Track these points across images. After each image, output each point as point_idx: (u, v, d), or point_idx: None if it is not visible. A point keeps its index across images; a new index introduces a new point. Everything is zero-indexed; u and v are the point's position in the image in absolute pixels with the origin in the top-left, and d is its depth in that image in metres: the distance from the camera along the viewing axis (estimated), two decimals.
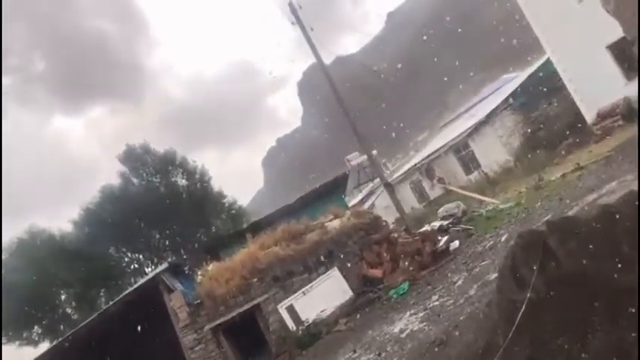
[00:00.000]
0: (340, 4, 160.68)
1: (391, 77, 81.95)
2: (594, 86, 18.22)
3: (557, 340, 4.98)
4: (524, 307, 5.18)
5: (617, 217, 4.96)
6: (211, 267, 16.81)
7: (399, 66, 79.71)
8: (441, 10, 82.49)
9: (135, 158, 29.29)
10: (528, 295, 5.23)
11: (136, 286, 18.04)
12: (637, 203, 4.61)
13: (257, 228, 19.22)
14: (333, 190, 21.59)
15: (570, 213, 6.56)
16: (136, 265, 28.68)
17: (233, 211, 30.24)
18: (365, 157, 29.71)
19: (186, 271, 18.01)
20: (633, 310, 4.46)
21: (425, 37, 71.00)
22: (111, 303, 17.89)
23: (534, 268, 5.32)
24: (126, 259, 28.70)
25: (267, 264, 15.45)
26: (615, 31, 17.30)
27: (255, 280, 15.30)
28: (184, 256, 24.78)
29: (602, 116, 18.37)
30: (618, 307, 4.53)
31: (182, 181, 29.31)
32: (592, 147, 17.10)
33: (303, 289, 15.36)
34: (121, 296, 17.58)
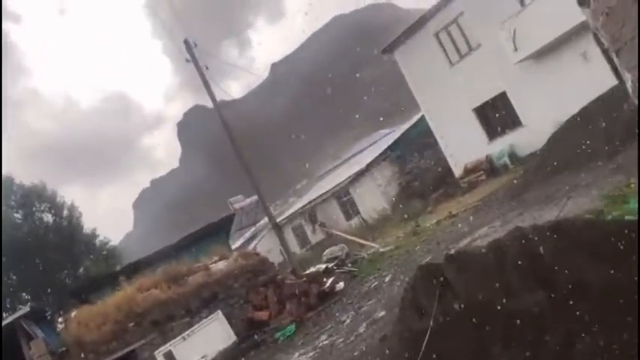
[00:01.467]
0: (227, 50, 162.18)
1: (272, 126, 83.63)
2: (462, 144, 20.29)
3: None
4: (427, 336, 5.49)
5: (506, 250, 5.51)
6: (79, 311, 15.42)
7: (281, 111, 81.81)
8: (324, 64, 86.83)
9: None
10: (431, 324, 5.56)
11: None
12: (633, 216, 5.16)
13: (132, 270, 18.06)
14: (217, 232, 21.12)
15: (455, 249, 7.15)
16: None
17: (105, 252, 28.11)
18: (248, 201, 29.71)
19: (49, 317, 16.27)
20: (526, 341, 4.93)
21: (307, 90, 74.02)
22: None
23: (434, 298, 5.69)
24: None
25: (146, 307, 14.51)
26: (480, 96, 19.51)
27: (131, 324, 14.24)
28: (47, 300, 22.34)
29: (468, 171, 20.39)
30: (510, 333, 4.99)
31: (48, 218, 26.73)
32: (460, 198, 18.79)
33: (184, 334, 14.61)
34: None
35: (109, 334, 14.03)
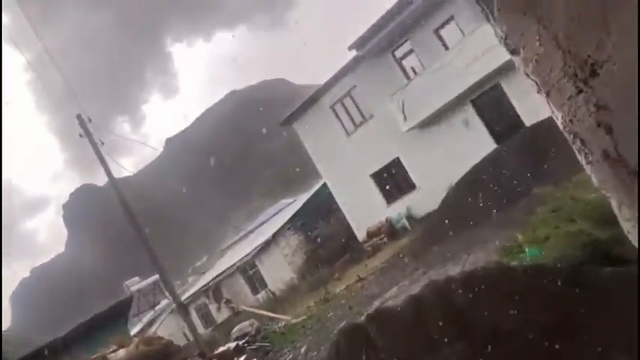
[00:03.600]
0: (121, 125, 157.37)
1: (168, 202, 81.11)
2: (363, 209, 21.02)
3: None
4: None
5: (423, 304, 5.68)
6: None
7: (177, 187, 79.75)
8: (220, 139, 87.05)
9: None
10: None
11: None
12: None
13: None
14: (114, 318, 19.49)
15: (370, 311, 7.22)
16: None
17: None
18: (145, 282, 27.95)
19: None
20: None
21: (204, 164, 73.36)
22: None
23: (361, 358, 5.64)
24: None
25: None
26: (376, 163, 20.50)
27: None
28: None
29: (370, 235, 21.02)
30: None
31: None
32: (366, 261, 19.18)
33: None
34: None
35: None
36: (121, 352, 15.20)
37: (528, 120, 15.32)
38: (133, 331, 29.01)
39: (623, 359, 3.44)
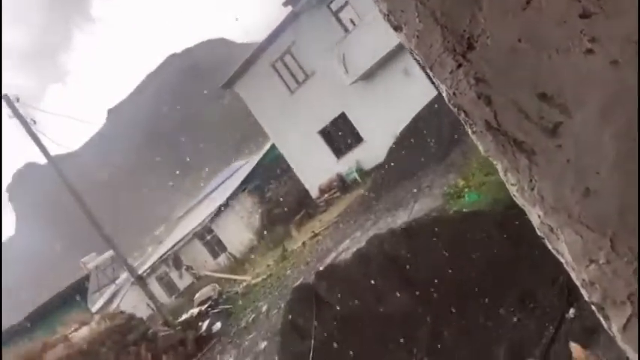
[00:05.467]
0: (56, 98, 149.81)
1: (116, 175, 78.90)
2: (313, 166, 21.14)
3: None
4: (311, 355, 5.59)
5: (368, 257, 5.87)
6: None
7: (125, 157, 77.64)
8: (164, 105, 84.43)
9: None
10: (312, 343, 5.68)
11: None
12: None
13: None
14: (71, 298, 19.28)
15: (324, 266, 7.42)
16: None
17: None
18: (102, 257, 27.48)
19: None
20: (401, 340, 5.27)
21: (150, 132, 71.32)
22: None
23: (312, 317, 5.84)
24: None
25: None
26: (323, 119, 20.43)
27: None
28: None
29: (323, 191, 21.26)
30: (384, 333, 5.30)
31: None
32: (320, 217, 19.48)
33: None
34: None
35: None
36: (83, 330, 15.12)
37: None
38: (95, 307, 28.74)
39: (545, 296, 3.72)
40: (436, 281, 5.27)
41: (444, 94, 1.63)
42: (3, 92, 14.20)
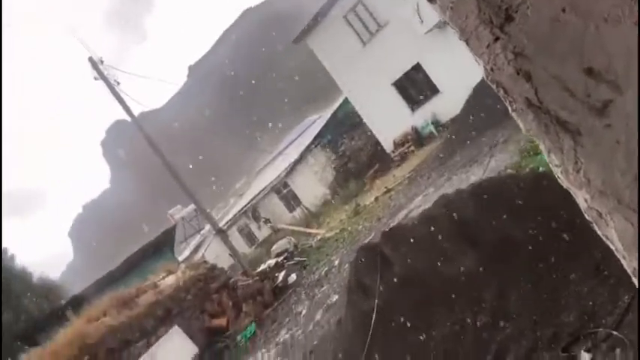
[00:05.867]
0: (140, 57, 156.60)
1: (200, 130, 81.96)
2: (387, 119, 20.76)
3: (407, 338, 5.51)
4: (374, 314, 5.68)
5: (435, 219, 5.77)
6: (28, 356, 14.74)
7: (207, 113, 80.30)
8: (241, 60, 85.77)
9: None
10: (376, 302, 5.76)
11: None
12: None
13: (79, 302, 17.38)
14: (160, 248, 20.66)
15: (393, 224, 7.40)
16: None
17: (45, 289, 26.74)
18: (188, 209, 29.06)
19: None
20: (463, 295, 5.20)
21: (229, 88, 72.93)
22: None
23: (377, 277, 5.88)
24: None
25: (99, 337, 14.02)
26: (397, 70, 19.86)
27: (86, 357, 13.73)
28: None
29: (397, 145, 20.93)
30: (450, 295, 5.26)
31: None
32: (394, 172, 19.30)
33: (143, 357, 14.26)
34: None
35: None
36: (170, 279, 16.28)
37: None
38: (181, 257, 30.71)
39: (620, 265, 3.49)
40: (504, 244, 5.10)
41: (482, 70, 1.52)
42: (88, 55, 15.15)
